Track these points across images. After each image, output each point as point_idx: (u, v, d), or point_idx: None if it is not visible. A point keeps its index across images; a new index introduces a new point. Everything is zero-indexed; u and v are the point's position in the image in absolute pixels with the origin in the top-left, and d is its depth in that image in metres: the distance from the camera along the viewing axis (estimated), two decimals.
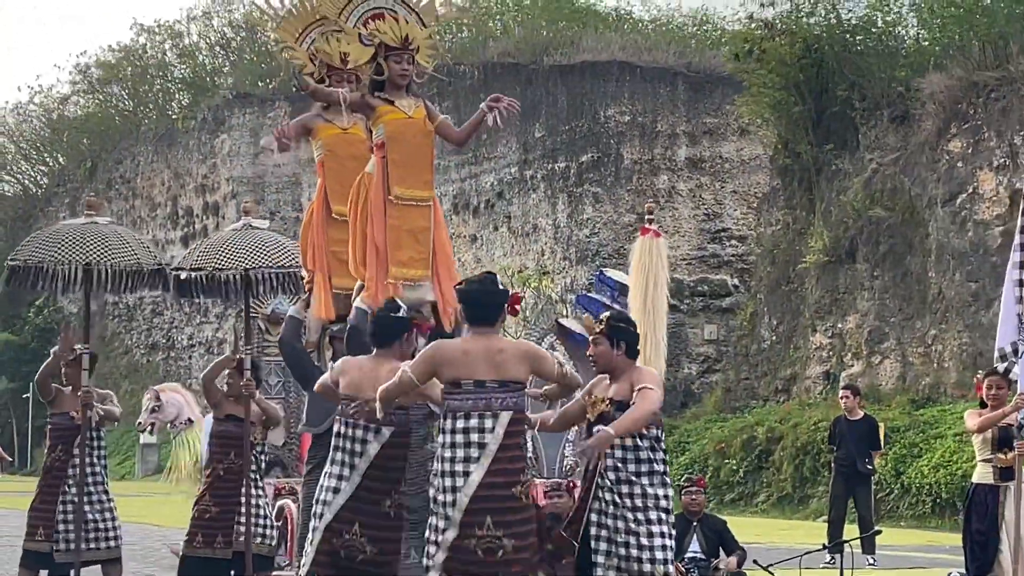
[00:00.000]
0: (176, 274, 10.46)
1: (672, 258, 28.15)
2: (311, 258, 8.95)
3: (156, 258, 10.90)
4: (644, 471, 7.73)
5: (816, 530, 18.21)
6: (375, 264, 8.42)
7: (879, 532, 14.39)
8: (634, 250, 10.52)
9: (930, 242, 24.12)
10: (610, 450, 7.71)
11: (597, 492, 7.79)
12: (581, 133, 32.10)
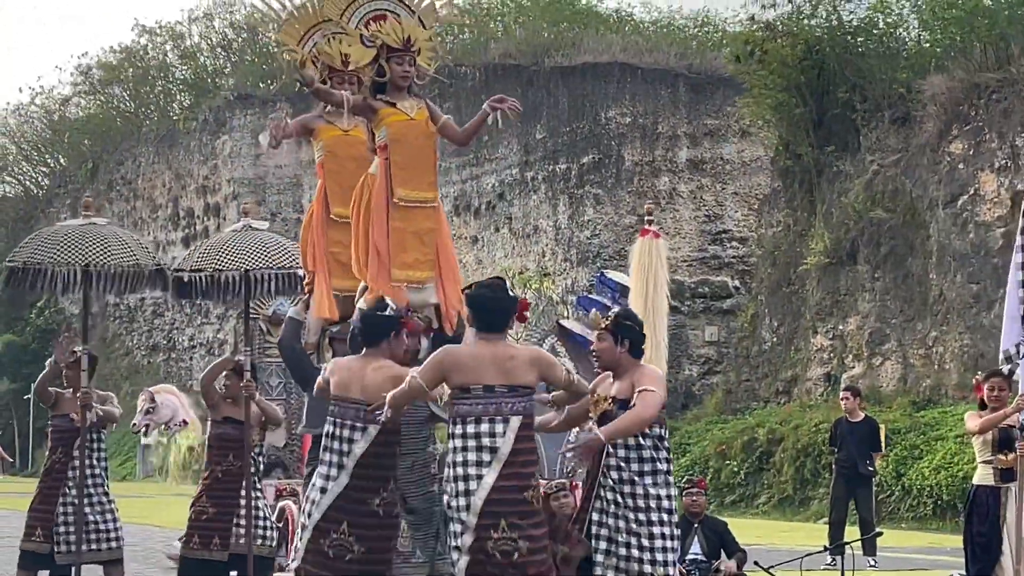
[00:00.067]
0: (176, 275, 10.43)
1: (673, 260, 28.18)
2: (311, 258, 8.95)
3: (155, 259, 10.86)
4: (647, 471, 7.72)
5: (817, 532, 18.20)
6: (376, 266, 8.41)
7: (880, 534, 14.36)
8: (634, 251, 10.54)
9: (931, 244, 24.10)
10: (612, 449, 7.70)
11: (599, 492, 7.78)
12: (582, 134, 32.09)
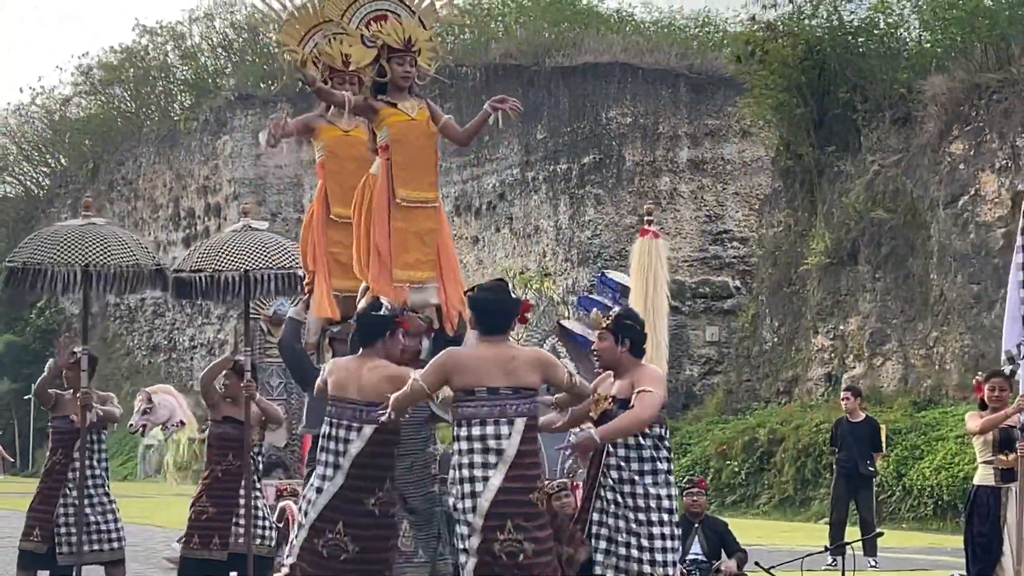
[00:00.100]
0: (176, 275, 10.43)
1: (674, 260, 28.18)
2: (311, 259, 8.94)
3: (155, 259, 10.85)
4: (647, 470, 7.71)
5: (818, 532, 18.20)
6: (378, 267, 8.41)
7: (881, 534, 14.35)
8: (634, 251, 10.53)
9: (932, 244, 24.09)
10: (612, 449, 7.70)
11: (599, 491, 7.78)
12: (583, 135, 32.09)
